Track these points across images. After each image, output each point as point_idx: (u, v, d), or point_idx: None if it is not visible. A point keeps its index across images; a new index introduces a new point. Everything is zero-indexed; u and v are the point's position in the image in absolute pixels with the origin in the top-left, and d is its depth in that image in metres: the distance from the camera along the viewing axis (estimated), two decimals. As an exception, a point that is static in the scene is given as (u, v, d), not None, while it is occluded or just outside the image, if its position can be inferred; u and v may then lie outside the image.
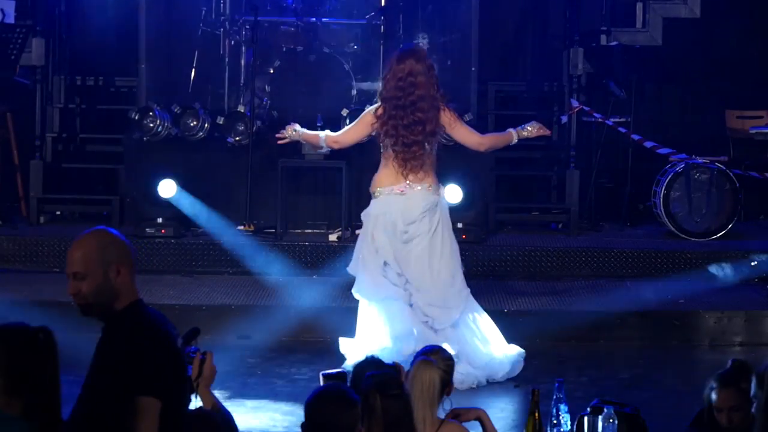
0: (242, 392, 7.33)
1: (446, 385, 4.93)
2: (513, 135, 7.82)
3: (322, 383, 4.63)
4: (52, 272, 9.68)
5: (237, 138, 10.38)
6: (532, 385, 6.00)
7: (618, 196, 11.27)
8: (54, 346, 3.70)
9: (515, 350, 7.76)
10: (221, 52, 11.13)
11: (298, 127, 7.91)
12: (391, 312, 7.51)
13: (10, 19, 11.20)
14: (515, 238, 10.43)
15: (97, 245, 3.92)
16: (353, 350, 7.61)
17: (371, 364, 4.85)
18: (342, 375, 4.72)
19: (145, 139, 10.43)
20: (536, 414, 5.00)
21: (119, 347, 3.79)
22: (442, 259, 7.59)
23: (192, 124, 10.52)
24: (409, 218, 7.55)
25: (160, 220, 10.09)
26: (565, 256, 9.95)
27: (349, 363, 7.29)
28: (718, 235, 10.44)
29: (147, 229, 10.02)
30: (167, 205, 10.10)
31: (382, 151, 7.68)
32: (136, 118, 10.41)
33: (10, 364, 3.63)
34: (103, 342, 3.84)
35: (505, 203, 11.05)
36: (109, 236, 3.99)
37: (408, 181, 7.57)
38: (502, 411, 7.04)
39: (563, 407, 5.06)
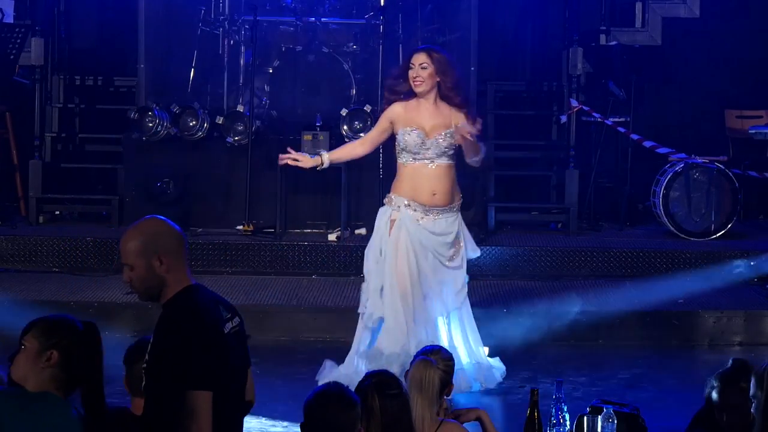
0: (242, 392, 7.31)
1: (446, 385, 4.93)
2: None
3: None
4: (52, 272, 9.68)
5: (236, 138, 10.38)
6: (531, 385, 5.99)
7: (617, 196, 11.26)
8: (99, 338, 4.01)
9: None
10: (220, 51, 11.13)
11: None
12: None
13: (9, 19, 11.22)
14: (515, 238, 10.42)
15: (141, 237, 4.05)
16: None
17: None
18: None
19: (144, 138, 10.42)
20: (536, 414, 4.99)
21: (168, 339, 3.89)
22: None
23: (191, 124, 10.52)
24: None
25: (159, 220, 10.06)
26: (564, 256, 9.94)
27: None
28: (718, 234, 10.44)
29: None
30: (167, 204, 10.09)
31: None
32: (136, 118, 10.42)
33: (65, 357, 3.95)
34: (157, 328, 3.96)
35: (505, 203, 11.04)
36: (153, 226, 4.11)
37: None
38: (502, 411, 7.03)
39: (563, 407, 5.05)
